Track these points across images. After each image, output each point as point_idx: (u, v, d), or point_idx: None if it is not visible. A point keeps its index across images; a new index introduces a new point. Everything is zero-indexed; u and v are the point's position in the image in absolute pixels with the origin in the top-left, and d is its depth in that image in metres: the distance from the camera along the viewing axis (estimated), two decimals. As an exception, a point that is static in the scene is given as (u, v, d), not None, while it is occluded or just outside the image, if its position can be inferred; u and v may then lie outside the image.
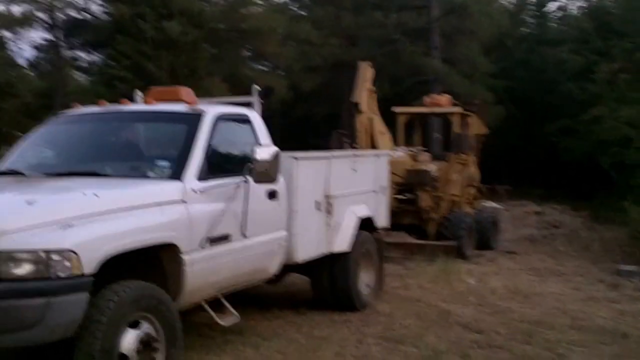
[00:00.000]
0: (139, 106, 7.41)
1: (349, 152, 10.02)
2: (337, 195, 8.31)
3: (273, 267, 7.39)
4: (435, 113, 15.21)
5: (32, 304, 4.89)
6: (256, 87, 8.20)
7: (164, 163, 6.53)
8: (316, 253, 7.98)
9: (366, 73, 12.67)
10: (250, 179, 6.52)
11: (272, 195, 7.19)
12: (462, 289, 9.78)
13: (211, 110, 6.98)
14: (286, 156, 7.36)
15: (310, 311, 8.39)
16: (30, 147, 7.39)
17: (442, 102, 14.97)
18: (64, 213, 5.29)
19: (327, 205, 8.15)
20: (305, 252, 7.80)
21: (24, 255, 4.93)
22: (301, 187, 7.70)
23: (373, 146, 12.40)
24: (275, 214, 7.29)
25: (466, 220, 13.25)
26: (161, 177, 6.35)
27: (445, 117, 15.35)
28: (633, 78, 22.06)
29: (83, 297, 5.05)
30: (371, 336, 7.47)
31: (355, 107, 12.27)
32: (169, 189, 6.13)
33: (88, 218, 5.35)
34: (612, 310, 8.81)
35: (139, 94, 8.46)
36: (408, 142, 14.88)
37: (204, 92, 23.09)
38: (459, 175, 13.83)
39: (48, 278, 4.94)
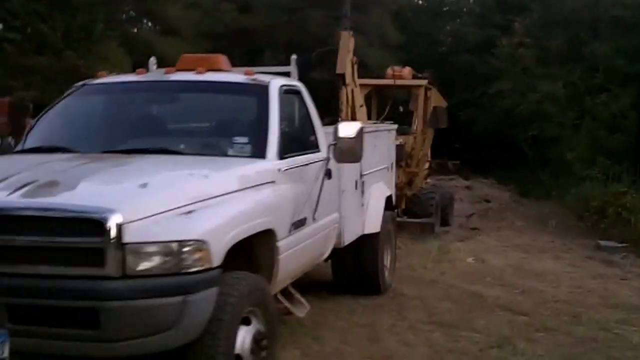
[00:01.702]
0: (192, 76, 6.71)
1: (371, 125, 9.62)
2: (367, 173, 7.94)
3: (327, 251, 6.97)
4: (400, 85, 14.91)
5: (169, 303, 4.32)
6: (294, 57, 7.69)
7: (242, 139, 5.97)
8: (355, 235, 7.60)
9: (349, 43, 12.26)
10: (331, 157, 6.10)
11: (328, 174, 6.76)
12: (469, 269, 9.66)
13: (273, 81, 6.47)
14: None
15: (333, 296, 8.01)
16: (66, 121, 6.59)
17: (405, 75, 14.77)
18: (181, 198, 4.70)
19: (361, 184, 7.78)
20: (350, 234, 7.39)
21: (154, 248, 4.34)
22: (347, 165, 7.29)
23: (352, 119, 12.02)
24: (331, 194, 6.85)
25: (435, 196, 13.20)
26: (242, 155, 5.80)
27: (408, 90, 15.14)
28: (540, 54, 22.71)
29: (214, 292, 4.50)
30: (420, 322, 7.18)
31: (341, 79, 11.85)
32: (261, 168, 5.60)
33: (203, 203, 4.79)
34: (630, 287, 8.90)
35: (154, 62, 7.76)
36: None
37: (99, 57, 22.07)
38: (426, 151, 13.75)
39: (180, 273, 4.38)
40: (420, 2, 31.10)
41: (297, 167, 6.02)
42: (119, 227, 4.23)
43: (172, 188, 4.84)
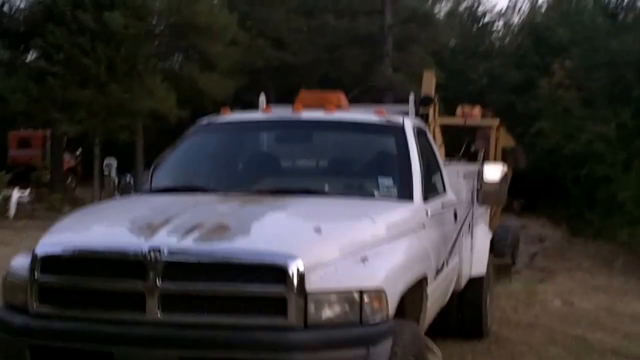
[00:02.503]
0: (323, 115, 6.61)
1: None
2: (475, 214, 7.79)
3: (449, 296, 6.80)
4: (470, 125, 14.71)
5: (353, 356, 4.12)
6: (412, 96, 7.59)
7: (387, 181, 5.83)
8: (467, 278, 7.43)
9: (431, 82, 12.19)
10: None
11: (455, 216, 6.61)
12: (561, 311, 9.43)
13: (407, 121, 6.37)
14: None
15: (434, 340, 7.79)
16: (195, 159, 6.49)
17: (475, 114, 14.62)
18: (354, 243, 4.54)
19: (471, 226, 7.62)
20: (465, 277, 7.24)
21: (336, 296, 4.14)
22: (464, 206, 7.15)
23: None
24: (454, 237, 6.71)
25: (508, 236, 13.01)
26: (389, 197, 5.65)
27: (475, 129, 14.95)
28: (582, 95, 22.62)
29: (390, 343, 4.32)
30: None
31: (425, 118, 11.77)
32: (415, 211, 5.46)
33: (374, 249, 4.63)
34: None
35: (263, 100, 7.67)
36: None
37: (144, 91, 22.06)
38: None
39: (359, 323, 4.22)
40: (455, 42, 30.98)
41: (439, 209, 5.89)
42: (302, 274, 4.05)
43: (345, 232, 4.67)
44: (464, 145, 14.00)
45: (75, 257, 4.42)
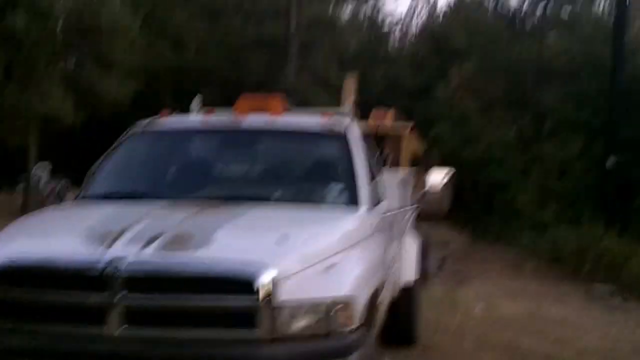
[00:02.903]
0: (268, 120, 6.39)
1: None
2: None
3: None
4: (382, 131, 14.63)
5: None
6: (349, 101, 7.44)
7: (336, 188, 5.68)
8: (401, 284, 7.35)
9: (352, 86, 12.06)
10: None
11: (392, 224, 6.51)
12: (486, 316, 9.50)
13: (352, 126, 6.23)
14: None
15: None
16: (136, 166, 6.19)
17: (387, 120, 14.56)
18: (319, 251, 4.38)
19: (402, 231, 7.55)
20: (399, 285, 7.17)
21: (306, 308, 3.98)
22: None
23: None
24: (393, 245, 6.62)
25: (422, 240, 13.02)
26: (337, 204, 5.50)
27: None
28: (481, 100, 23.07)
29: (358, 356, 4.18)
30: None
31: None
32: (364, 219, 5.31)
33: (335, 256, 4.47)
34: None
35: (198, 102, 7.38)
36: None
37: (40, 95, 21.18)
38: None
39: (330, 334, 4.04)
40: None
41: (382, 216, 5.79)
42: (271, 285, 3.87)
43: (308, 241, 4.50)
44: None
45: (29, 269, 4.16)
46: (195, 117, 6.74)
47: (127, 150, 6.37)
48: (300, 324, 3.95)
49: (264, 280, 3.85)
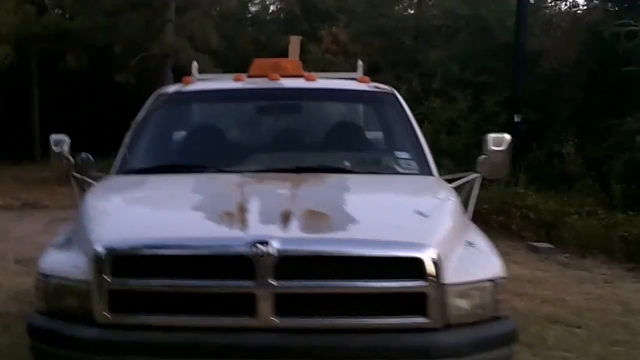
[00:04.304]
0: (311, 84, 6.03)
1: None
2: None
3: None
4: None
5: (498, 358, 3.88)
6: (360, 63, 7.16)
7: (404, 155, 5.45)
8: None
9: (298, 47, 11.64)
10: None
11: None
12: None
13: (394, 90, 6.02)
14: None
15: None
16: (182, 135, 5.74)
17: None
18: (453, 227, 4.18)
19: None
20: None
21: (471, 289, 3.85)
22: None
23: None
24: None
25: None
26: (412, 173, 5.30)
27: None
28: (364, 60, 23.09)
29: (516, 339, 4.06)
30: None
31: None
32: (448, 188, 5.12)
33: (464, 232, 4.31)
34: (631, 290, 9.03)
35: (195, 66, 6.92)
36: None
37: None
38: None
39: (495, 318, 3.86)
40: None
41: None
42: (438, 265, 3.64)
43: (445, 218, 4.29)
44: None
45: (159, 255, 3.79)
46: (227, 82, 6.29)
47: (164, 119, 5.94)
48: (469, 308, 3.77)
49: (431, 259, 3.64)
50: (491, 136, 5.57)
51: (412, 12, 23.51)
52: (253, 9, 31.06)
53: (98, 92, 26.65)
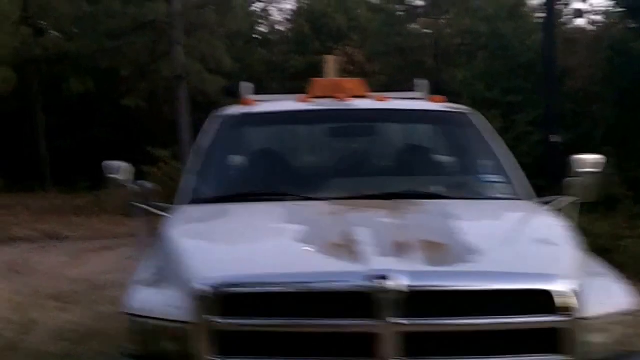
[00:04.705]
0: (382, 104, 5.89)
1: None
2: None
3: None
4: None
5: None
6: (425, 81, 7.00)
7: (495, 177, 5.28)
8: None
9: (333, 66, 11.56)
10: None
11: None
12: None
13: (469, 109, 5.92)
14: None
15: None
16: (251, 160, 5.71)
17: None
18: (579, 257, 4.02)
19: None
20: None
21: (609, 324, 3.62)
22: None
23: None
24: None
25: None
26: (507, 197, 5.14)
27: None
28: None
29: None
30: None
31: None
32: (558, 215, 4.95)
33: (587, 261, 4.13)
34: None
35: (245, 86, 6.75)
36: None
37: None
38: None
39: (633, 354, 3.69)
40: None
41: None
42: (574, 297, 3.48)
43: (567, 246, 4.10)
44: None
45: (269, 292, 3.56)
46: (294, 103, 6.14)
47: (232, 143, 5.80)
48: (607, 343, 3.59)
49: (568, 294, 3.47)
50: (585, 157, 5.42)
51: (428, 30, 23.36)
52: (261, 29, 30.98)
53: (105, 116, 26.49)
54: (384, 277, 3.37)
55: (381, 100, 5.93)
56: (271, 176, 5.52)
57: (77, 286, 10.18)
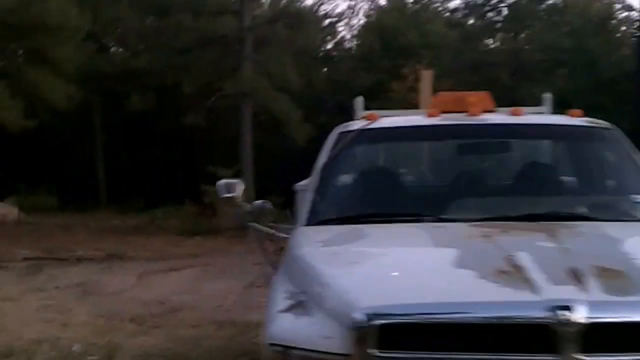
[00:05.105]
0: (518, 119, 5.50)
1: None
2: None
3: None
4: None
5: None
6: (549, 95, 6.61)
7: None
8: None
9: (430, 82, 11.27)
10: None
11: None
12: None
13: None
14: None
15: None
16: (380, 178, 5.43)
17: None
18: None
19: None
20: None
21: None
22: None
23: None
24: None
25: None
26: None
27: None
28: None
29: None
30: None
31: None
32: None
33: None
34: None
35: (358, 101, 6.55)
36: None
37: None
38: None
39: None
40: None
41: None
42: None
43: None
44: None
45: (434, 323, 3.27)
46: (423, 118, 5.75)
47: (357, 160, 5.58)
48: None
49: None
50: None
51: (504, 46, 22.88)
52: (328, 46, 30.77)
53: (164, 134, 26.45)
54: (567, 308, 3.09)
55: (516, 115, 5.53)
56: (401, 195, 5.26)
57: (153, 309, 10.03)
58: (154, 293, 11.19)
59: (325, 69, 28.80)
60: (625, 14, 20.60)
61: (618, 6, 21.26)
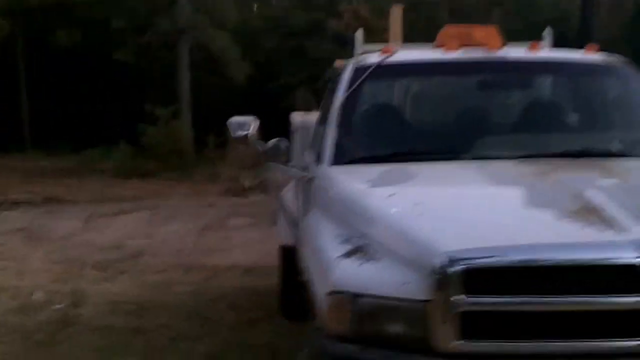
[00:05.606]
0: (535, 55, 5.29)
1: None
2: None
3: None
4: None
5: None
6: (549, 30, 6.49)
7: None
8: None
9: (400, 18, 10.93)
10: None
11: None
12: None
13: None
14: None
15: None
16: (406, 114, 5.38)
17: None
18: None
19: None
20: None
21: None
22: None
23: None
24: None
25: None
26: None
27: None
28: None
29: None
30: None
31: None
32: None
33: None
34: None
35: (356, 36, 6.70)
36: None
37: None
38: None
39: None
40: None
41: None
42: None
43: None
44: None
45: (521, 266, 3.10)
46: (444, 53, 5.42)
47: (380, 96, 5.44)
48: None
49: None
50: None
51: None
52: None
53: (94, 74, 25.44)
54: None
55: (534, 49, 5.28)
56: (434, 134, 5.05)
57: (110, 254, 9.77)
58: (107, 237, 10.88)
59: (260, 7, 28.06)
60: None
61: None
